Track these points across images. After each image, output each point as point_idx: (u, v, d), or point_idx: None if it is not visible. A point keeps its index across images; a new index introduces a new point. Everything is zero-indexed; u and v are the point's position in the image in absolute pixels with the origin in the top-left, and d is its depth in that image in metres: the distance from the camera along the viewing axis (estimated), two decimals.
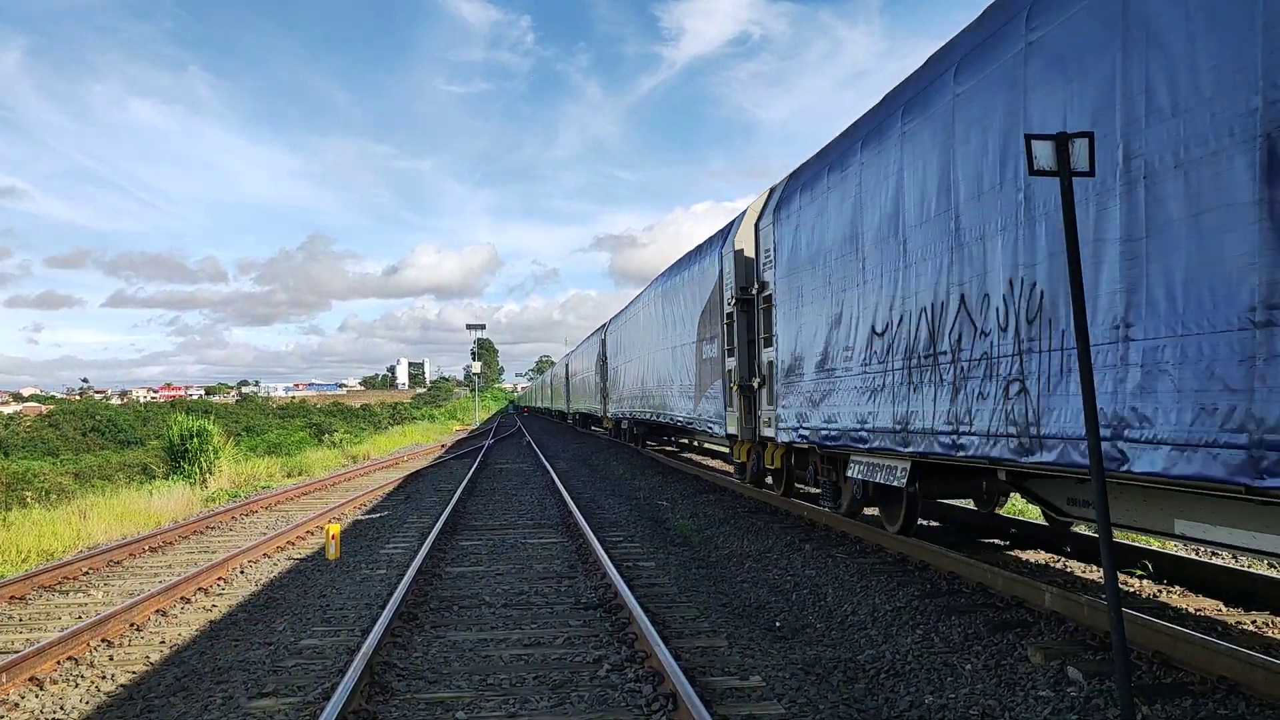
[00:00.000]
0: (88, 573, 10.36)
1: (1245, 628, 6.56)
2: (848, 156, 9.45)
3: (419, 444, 41.75)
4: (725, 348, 14.36)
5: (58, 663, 6.55)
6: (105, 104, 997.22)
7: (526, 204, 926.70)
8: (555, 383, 64.56)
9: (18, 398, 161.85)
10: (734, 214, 14.47)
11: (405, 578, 8.61)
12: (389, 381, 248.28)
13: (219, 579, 9.68)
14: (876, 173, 8.70)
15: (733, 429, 14.28)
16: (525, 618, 7.67)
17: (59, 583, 9.76)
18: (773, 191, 12.61)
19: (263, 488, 21.12)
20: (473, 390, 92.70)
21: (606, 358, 33.43)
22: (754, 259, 13.19)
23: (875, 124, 8.90)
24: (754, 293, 13.18)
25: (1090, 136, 4.29)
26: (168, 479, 22.60)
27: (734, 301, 13.61)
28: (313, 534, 13.01)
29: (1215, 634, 6.18)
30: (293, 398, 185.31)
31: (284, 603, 8.62)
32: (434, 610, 7.97)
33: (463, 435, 52.28)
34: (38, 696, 5.96)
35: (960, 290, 7.13)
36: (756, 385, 13.10)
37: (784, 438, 11.68)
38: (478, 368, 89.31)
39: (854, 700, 5.46)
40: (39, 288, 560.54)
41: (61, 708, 5.72)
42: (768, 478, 14.30)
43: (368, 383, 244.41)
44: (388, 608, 7.41)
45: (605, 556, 9.53)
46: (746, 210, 13.88)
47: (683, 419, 18.78)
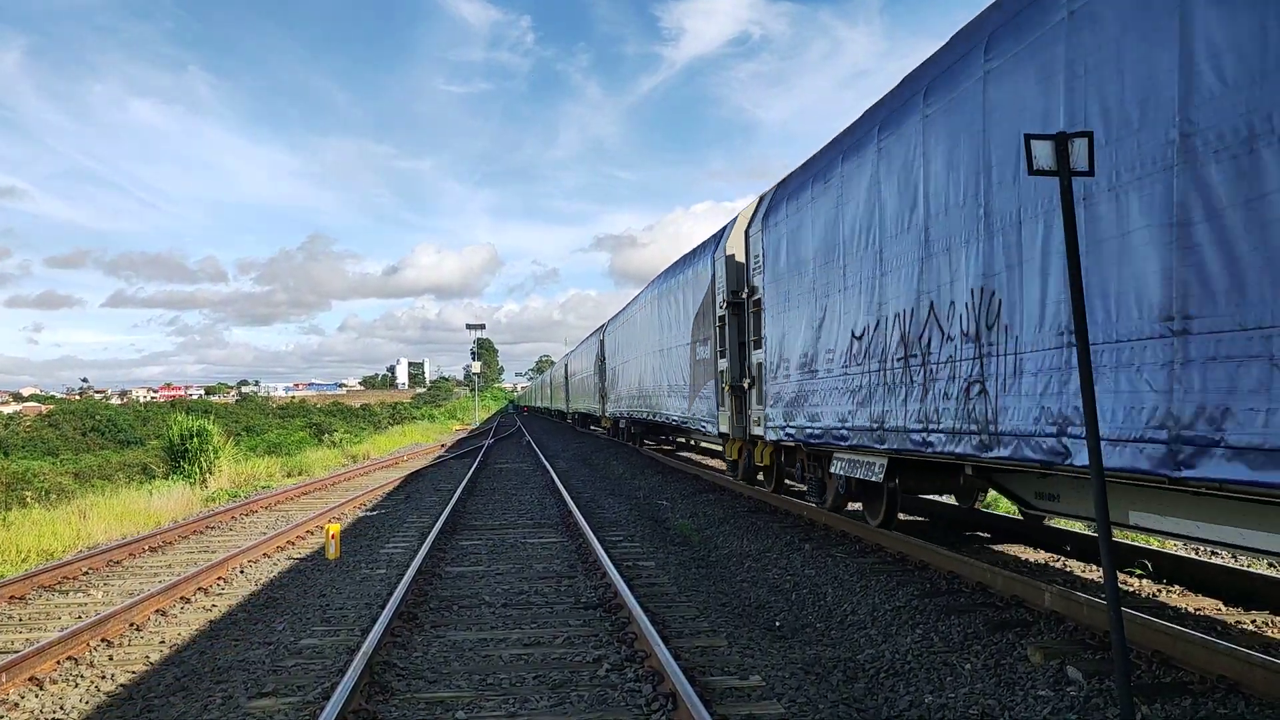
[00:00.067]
0: (87, 572, 10.36)
1: (1245, 627, 6.57)
2: (830, 169, 9.87)
3: (419, 444, 41.75)
4: (717, 349, 14.80)
5: (57, 662, 6.55)
6: (105, 104, 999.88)
7: (526, 204, 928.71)
8: (555, 383, 64.58)
9: (18, 398, 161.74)
10: (733, 214, 14.89)
11: (405, 577, 8.62)
12: (389, 381, 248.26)
13: (219, 579, 9.69)
14: (856, 185, 9.14)
15: (725, 428, 14.82)
16: (525, 617, 7.68)
17: (59, 582, 9.77)
18: (762, 199, 13.01)
19: (262, 487, 21.12)
20: (472, 390, 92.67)
21: (605, 358, 33.46)
22: (744, 264, 13.63)
23: (855, 139, 9.31)
24: (744, 296, 13.61)
25: (1090, 136, 4.30)
26: (168, 479, 22.59)
27: (725, 305, 14.15)
28: (313, 534, 13.01)
29: (1215, 633, 6.18)
30: (292, 398, 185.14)
31: (284, 602, 8.62)
32: (434, 610, 7.98)
33: (462, 435, 52.28)
34: (37, 696, 5.96)
35: (930, 298, 7.55)
36: (747, 386, 13.50)
37: (772, 436, 12.10)
38: (477, 368, 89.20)
39: (854, 700, 5.46)
40: (39, 288, 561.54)
41: (61, 708, 5.73)
42: (759, 474, 14.76)
43: (368, 383, 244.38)
44: (388, 607, 7.41)
45: (605, 556, 9.54)
46: (738, 217, 14.34)
47: (678, 418, 19.17)
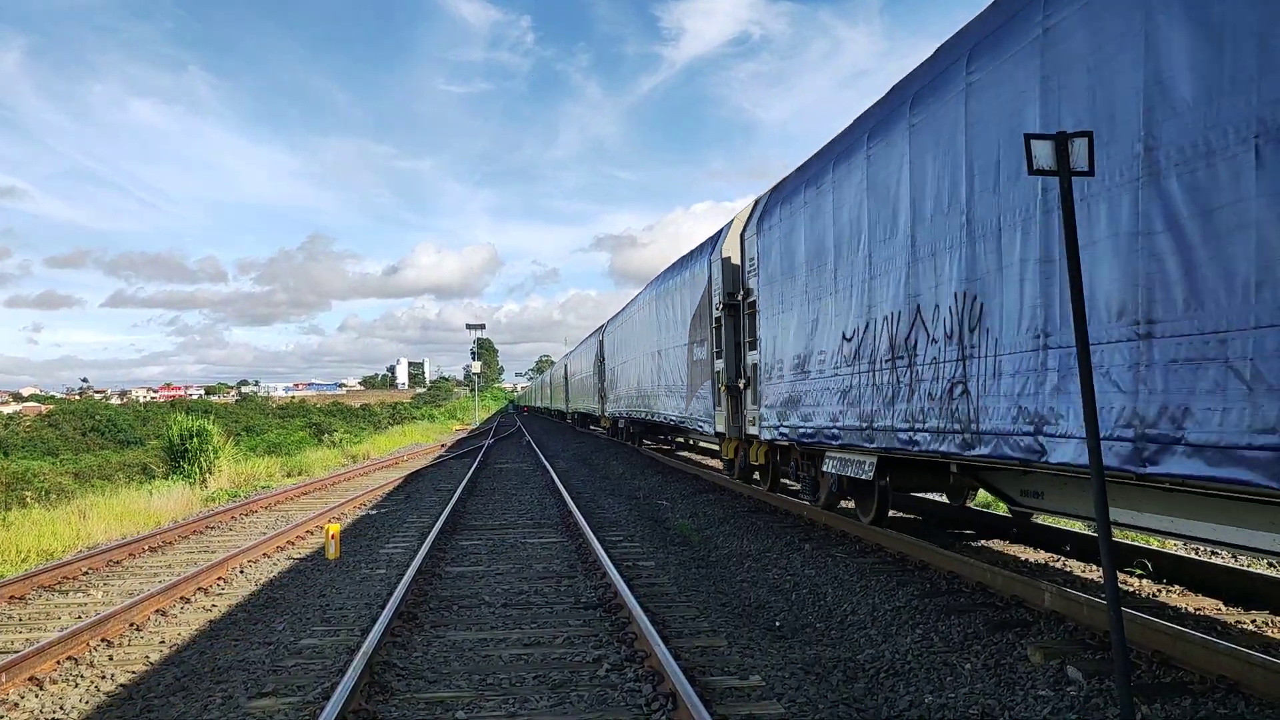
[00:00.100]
0: (87, 572, 10.36)
1: (1245, 627, 6.57)
2: (822, 174, 10.03)
3: (419, 444, 41.74)
4: (714, 350, 14.99)
5: (57, 662, 6.55)
6: (105, 104, 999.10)
7: (526, 204, 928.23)
8: (554, 383, 64.59)
9: (17, 398, 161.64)
10: (732, 214, 15.04)
11: (405, 577, 8.61)
12: (389, 381, 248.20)
13: (219, 579, 9.68)
14: (846, 190, 9.30)
15: (721, 427, 15.04)
16: (525, 617, 7.67)
17: (59, 582, 9.76)
18: (757, 203, 13.19)
19: (262, 487, 21.12)
20: (472, 390, 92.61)
21: (604, 358, 33.48)
22: (740, 266, 13.84)
23: (846, 145, 9.46)
24: (740, 298, 13.83)
25: (1089, 136, 4.30)
26: (167, 479, 22.59)
27: (721, 306, 14.36)
28: (312, 534, 13.01)
29: (1215, 633, 6.18)
30: (292, 398, 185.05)
31: (284, 602, 8.62)
32: (434, 610, 7.97)
33: (462, 435, 52.27)
34: (37, 696, 5.96)
35: (916, 301, 7.72)
36: (742, 386, 13.67)
37: (767, 435, 12.32)
38: (477, 367, 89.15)
39: (853, 700, 5.46)
40: (39, 288, 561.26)
41: (61, 707, 5.73)
42: (754, 473, 14.99)
43: (367, 383, 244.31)
44: (387, 607, 7.41)
45: (605, 556, 9.54)
46: (734, 220, 14.54)
47: (675, 418, 19.33)
